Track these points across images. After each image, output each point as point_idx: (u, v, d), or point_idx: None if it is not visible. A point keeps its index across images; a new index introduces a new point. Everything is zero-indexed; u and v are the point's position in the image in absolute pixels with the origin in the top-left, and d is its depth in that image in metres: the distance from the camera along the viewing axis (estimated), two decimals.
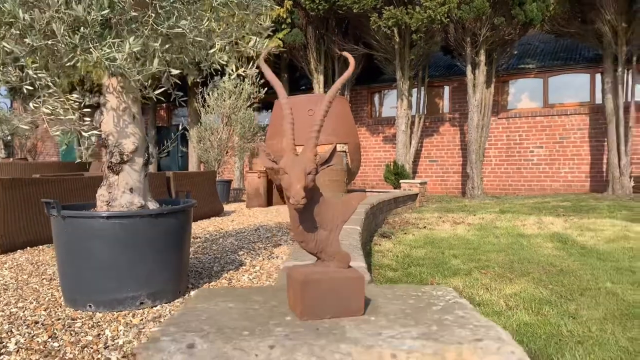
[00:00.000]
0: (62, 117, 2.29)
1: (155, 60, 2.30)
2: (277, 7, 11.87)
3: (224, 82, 10.82)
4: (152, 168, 16.62)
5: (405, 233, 5.95)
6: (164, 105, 18.40)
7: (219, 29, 2.90)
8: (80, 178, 5.75)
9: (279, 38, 11.71)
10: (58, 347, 2.15)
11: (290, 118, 0.98)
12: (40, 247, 4.85)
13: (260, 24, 2.85)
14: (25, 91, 2.42)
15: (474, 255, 4.43)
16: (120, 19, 2.37)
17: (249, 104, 10.91)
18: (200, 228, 6.39)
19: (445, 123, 14.57)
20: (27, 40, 2.01)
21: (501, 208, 9.03)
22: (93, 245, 2.58)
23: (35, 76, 2.25)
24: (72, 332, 2.33)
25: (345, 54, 1.11)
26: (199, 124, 11.02)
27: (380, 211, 7.07)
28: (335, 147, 1.02)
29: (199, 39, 2.45)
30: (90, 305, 2.65)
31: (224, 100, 10.76)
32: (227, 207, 9.39)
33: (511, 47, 12.55)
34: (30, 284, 3.42)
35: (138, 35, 2.41)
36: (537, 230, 5.99)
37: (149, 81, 2.81)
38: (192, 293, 3.04)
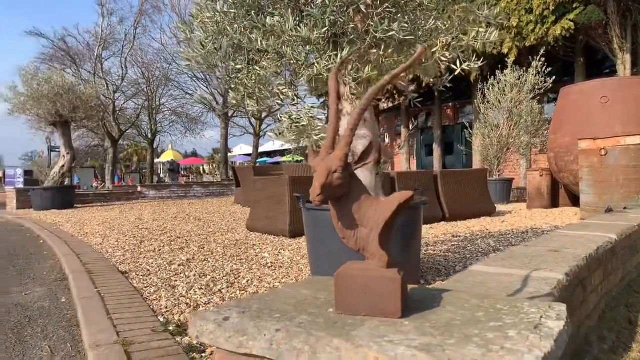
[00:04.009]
0: (298, 124, 2.70)
1: (367, 67, 2.46)
2: None
3: (504, 74, 10.32)
4: (437, 165, 17.08)
5: None
6: (450, 104, 18.66)
7: (444, 25, 2.87)
8: None
9: (569, 19, 10.41)
10: None
11: (334, 119, 0.97)
12: None
13: (481, 14, 2.69)
14: (276, 105, 2.93)
15: None
16: (342, 32, 2.62)
17: (532, 95, 10.09)
18: (465, 227, 6.32)
19: None
20: (264, 64, 2.46)
21: None
22: (326, 234, 2.94)
23: (278, 91, 2.71)
24: None
25: (420, 47, 1.02)
26: (477, 120, 10.80)
27: None
28: (371, 144, 0.95)
29: (409, 37, 2.50)
30: None
31: (505, 94, 10.24)
32: (504, 208, 8.93)
33: None
34: (299, 265, 4.09)
35: (358, 45, 2.63)
36: None
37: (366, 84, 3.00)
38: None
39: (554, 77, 10.08)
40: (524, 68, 10.28)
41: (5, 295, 3.36)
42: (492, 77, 10.50)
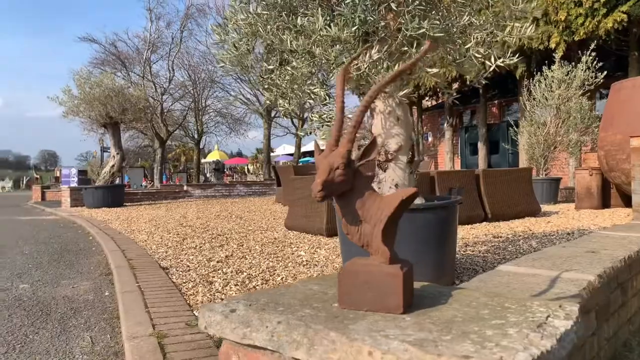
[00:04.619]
0: (329, 124, 2.72)
1: (397, 64, 2.45)
2: None
3: (552, 70, 9.97)
4: (482, 165, 16.67)
5: None
6: (495, 102, 18.17)
7: (478, 22, 2.81)
8: None
9: (622, 11, 9.91)
10: None
11: (339, 116, 0.97)
12: None
13: (517, 8, 2.62)
14: (309, 104, 2.96)
15: None
16: (374, 30, 2.62)
17: (582, 91, 9.69)
18: (508, 228, 6.15)
19: None
20: (294, 64, 2.49)
21: None
22: None
23: (308, 91, 2.74)
24: None
25: (426, 44, 1.01)
26: (523, 118, 10.48)
27: None
28: (374, 140, 0.94)
29: (439, 35, 2.46)
30: None
31: (552, 91, 9.89)
32: (551, 208, 8.63)
33: None
34: (334, 263, 4.11)
35: (389, 43, 2.62)
36: None
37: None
38: None
39: (605, 72, 9.64)
40: (573, 63, 9.90)
41: (55, 288, 3.55)
42: (539, 73, 10.16)
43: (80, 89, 11.53)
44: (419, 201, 3.12)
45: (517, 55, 2.87)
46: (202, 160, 33.20)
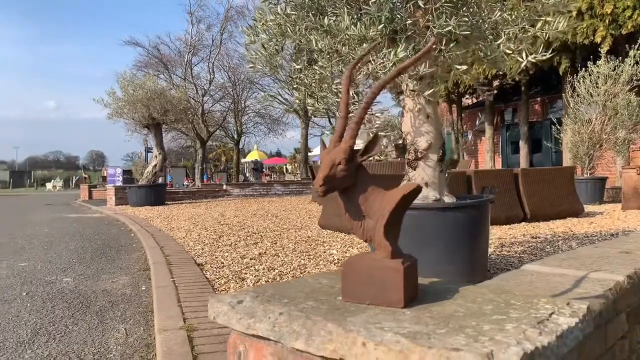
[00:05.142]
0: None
1: (425, 63, 2.44)
2: None
3: (597, 65, 9.59)
4: (524, 164, 16.20)
5: None
6: (538, 99, 17.63)
7: (510, 17, 2.75)
8: None
9: None
10: None
11: (344, 112, 0.98)
12: None
13: (548, 2, 2.55)
14: (336, 103, 2.97)
15: None
16: (401, 28, 2.61)
17: (629, 87, 9.28)
18: (548, 228, 5.98)
19: None
20: (319, 63, 2.51)
21: None
22: None
23: (336, 90, 2.76)
24: None
25: (431, 41, 1.00)
26: (566, 115, 10.13)
27: None
28: (376, 136, 0.94)
29: (466, 32, 2.43)
30: None
31: (598, 87, 9.52)
32: (596, 208, 8.31)
33: None
34: None
35: (416, 40, 2.60)
36: None
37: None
38: None
39: None
40: (620, 58, 9.50)
41: (95, 282, 3.71)
42: (584, 68, 9.80)
43: (124, 91, 11.95)
44: (449, 200, 3.08)
45: (560, 51, 2.79)
46: (242, 160, 33.75)
